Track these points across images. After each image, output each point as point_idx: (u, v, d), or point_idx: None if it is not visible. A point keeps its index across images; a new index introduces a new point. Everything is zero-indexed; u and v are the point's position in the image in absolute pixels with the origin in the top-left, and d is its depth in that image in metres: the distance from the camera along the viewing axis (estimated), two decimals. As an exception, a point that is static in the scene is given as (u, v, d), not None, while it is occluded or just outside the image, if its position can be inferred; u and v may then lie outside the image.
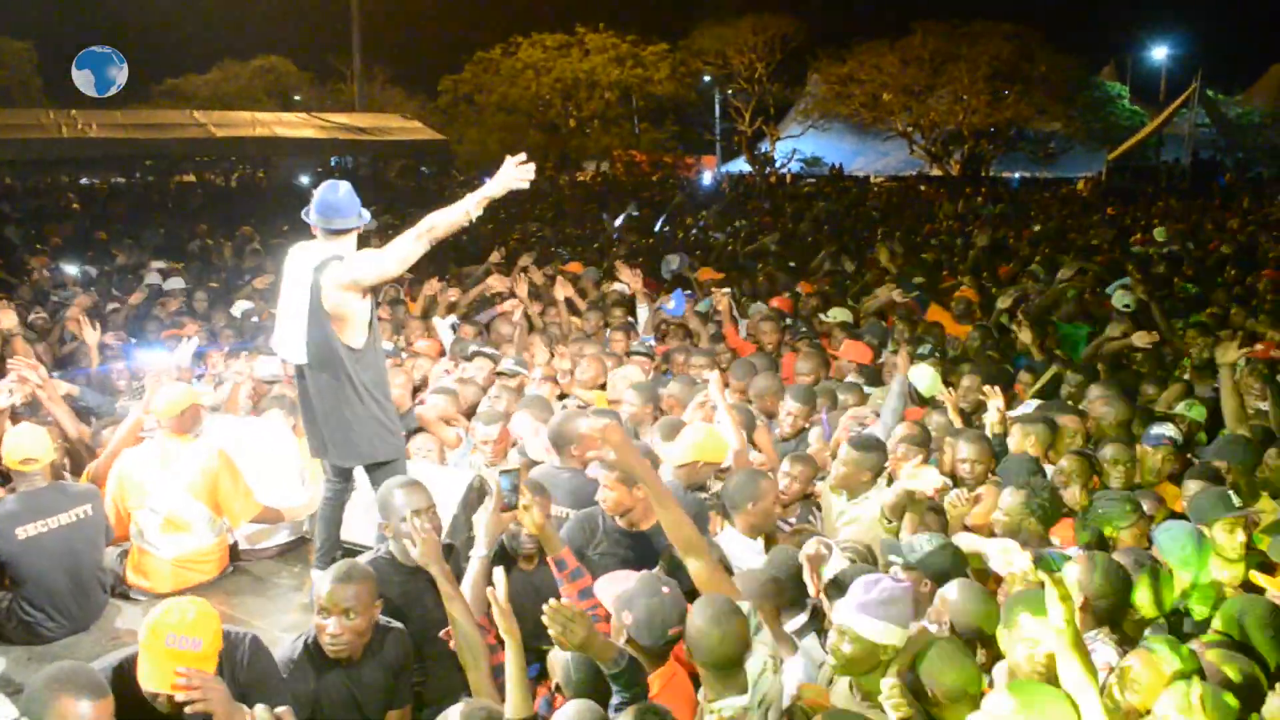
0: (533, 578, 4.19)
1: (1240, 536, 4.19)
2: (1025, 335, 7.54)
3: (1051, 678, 2.97)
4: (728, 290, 8.55)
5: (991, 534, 4.39)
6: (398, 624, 3.80)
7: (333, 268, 4.59)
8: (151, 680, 3.08)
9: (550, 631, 3.06)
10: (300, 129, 23.06)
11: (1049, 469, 5.02)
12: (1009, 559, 3.73)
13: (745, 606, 3.28)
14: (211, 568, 5.49)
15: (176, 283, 11.14)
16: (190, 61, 39.82)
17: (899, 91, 36.43)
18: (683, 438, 4.91)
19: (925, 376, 6.44)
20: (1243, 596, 3.76)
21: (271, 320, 9.14)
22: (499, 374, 6.94)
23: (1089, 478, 4.90)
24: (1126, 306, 8.71)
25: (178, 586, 5.24)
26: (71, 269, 11.19)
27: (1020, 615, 3.23)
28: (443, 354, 7.81)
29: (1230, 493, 4.43)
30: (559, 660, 3.41)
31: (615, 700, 3.09)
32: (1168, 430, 5.31)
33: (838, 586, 3.52)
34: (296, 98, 40.06)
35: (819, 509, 5.12)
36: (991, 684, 3.31)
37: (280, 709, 2.76)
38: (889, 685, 2.95)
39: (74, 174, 29.99)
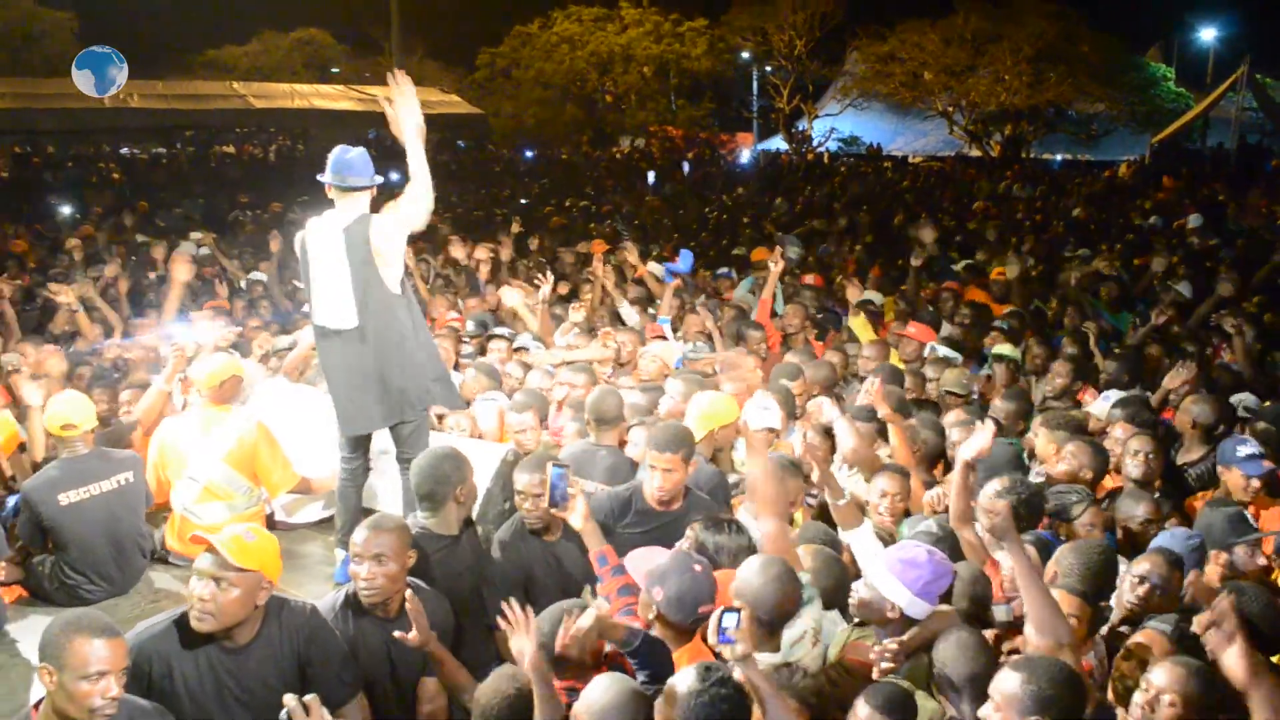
0: (554, 548, 4.23)
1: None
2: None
3: None
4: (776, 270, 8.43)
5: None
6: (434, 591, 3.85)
7: (373, 219, 4.72)
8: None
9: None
10: (338, 101, 23.14)
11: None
12: None
13: (806, 578, 3.34)
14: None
15: (191, 248, 11.21)
16: (230, 33, 39.96)
17: (940, 71, 35.95)
18: (691, 412, 4.92)
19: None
20: None
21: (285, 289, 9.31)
22: (516, 350, 6.99)
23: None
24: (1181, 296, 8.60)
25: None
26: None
27: None
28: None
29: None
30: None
31: (640, 678, 3.10)
32: (1254, 449, 4.76)
33: None
34: (334, 70, 40.14)
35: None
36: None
37: (308, 697, 2.80)
38: (889, 642, 3.05)
39: (114, 144, 30.29)
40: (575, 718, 2.81)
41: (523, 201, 18.51)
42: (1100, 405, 5.77)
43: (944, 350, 6.88)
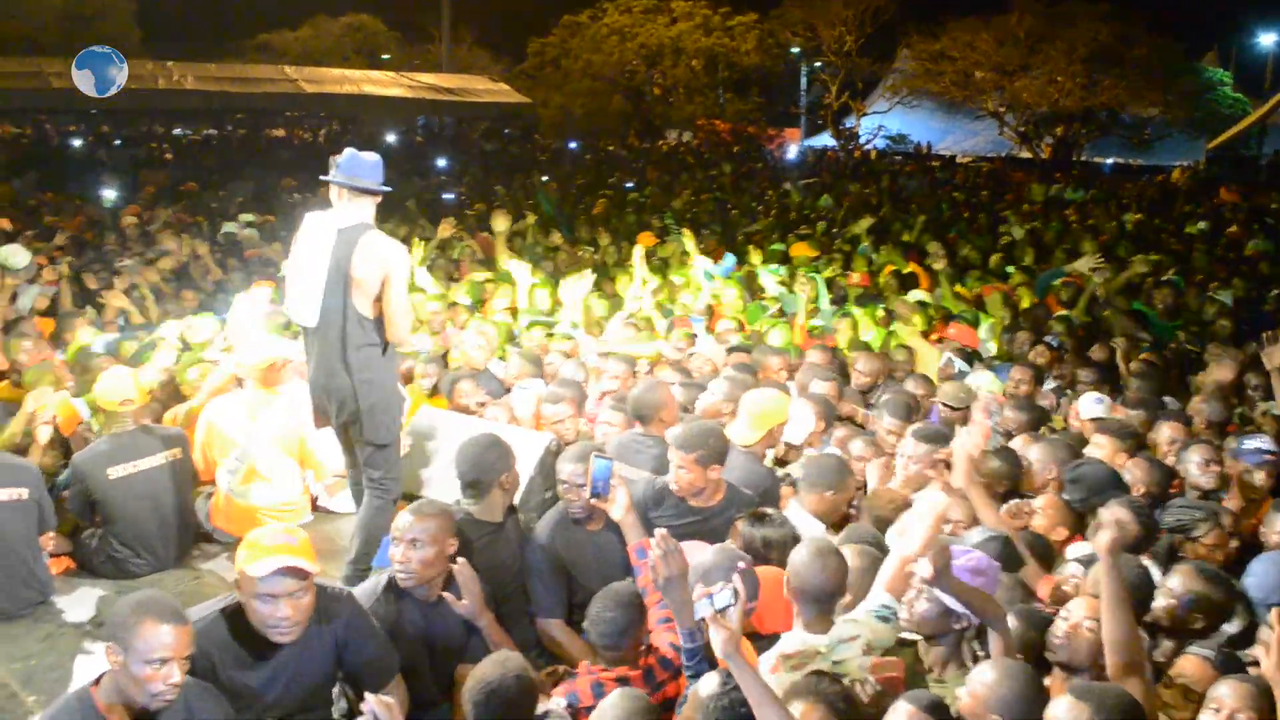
0: (596, 538, 4.24)
1: None
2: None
3: None
4: (815, 275, 8.37)
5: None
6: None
7: (367, 241, 4.53)
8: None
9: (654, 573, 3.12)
10: (388, 87, 23.33)
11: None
12: None
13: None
14: (293, 518, 5.59)
15: (245, 230, 11.35)
16: (283, 17, 40.36)
17: (991, 70, 35.57)
18: (744, 414, 4.90)
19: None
20: None
21: None
22: (550, 335, 7.01)
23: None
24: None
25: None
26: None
27: None
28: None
29: None
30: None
31: (688, 674, 3.11)
32: (1265, 443, 4.84)
33: None
34: (384, 56, 40.41)
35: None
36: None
37: (388, 698, 2.85)
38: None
39: (168, 125, 30.67)
40: None
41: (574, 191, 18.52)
42: (1092, 407, 5.66)
43: (961, 364, 6.75)
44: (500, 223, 9.74)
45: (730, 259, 8.91)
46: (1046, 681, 3.06)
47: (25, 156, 21.69)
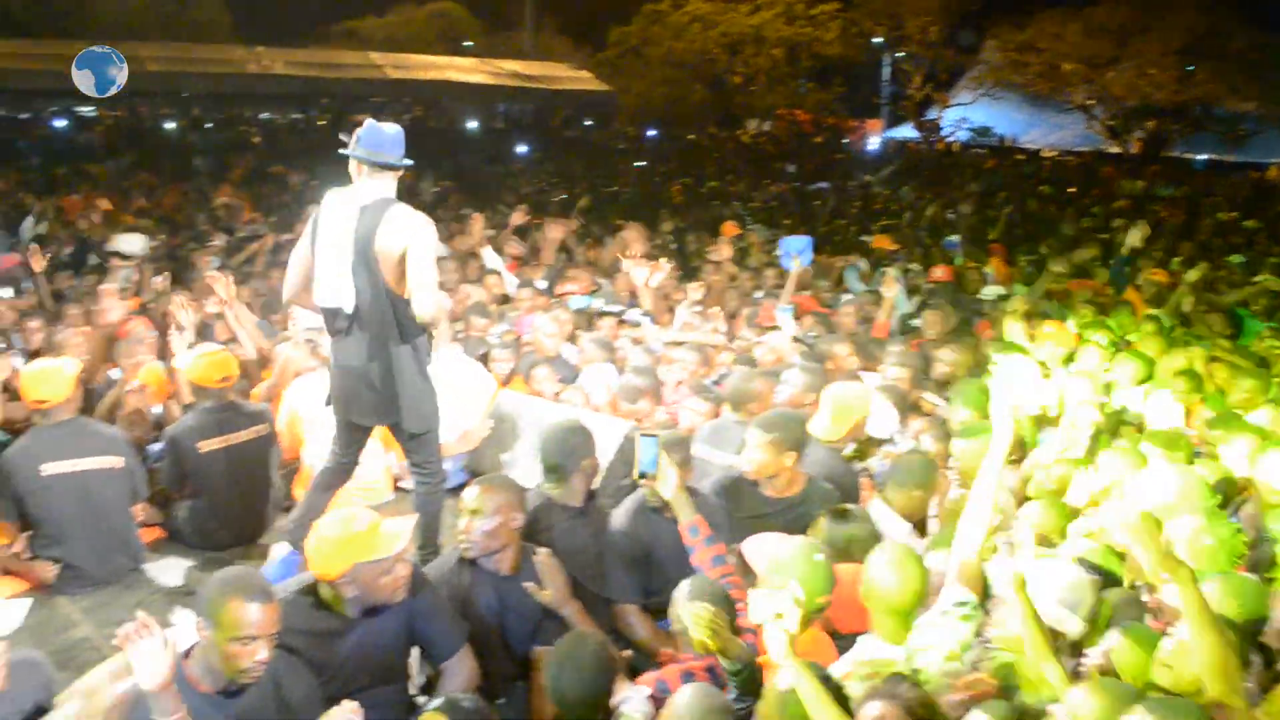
0: (676, 526, 4.19)
1: None
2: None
3: None
4: (900, 276, 8.24)
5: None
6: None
7: (392, 215, 4.30)
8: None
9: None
10: (471, 74, 23.52)
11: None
12: None
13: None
14: (374, 495, 5.69)
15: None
16: (369, 3, 40.86)
17: (1080, 62, 34.72)
18: (826, 407, 4.87)
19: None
20: None
21: None
22: (621, 323, 7.03)
23: None
24: None
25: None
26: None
27: None
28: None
29: None
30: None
31: (731, 695, 3.10)
32: None
33: None
34: (466, 43, 40.73)
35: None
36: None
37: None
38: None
39: (256, 109, 31.24)
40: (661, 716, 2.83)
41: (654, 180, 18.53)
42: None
43: None
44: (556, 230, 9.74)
45: (805, 240, 8.77)
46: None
47: (121, 139, 22.32)
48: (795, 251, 8.29)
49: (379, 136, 4.40)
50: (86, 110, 25.48)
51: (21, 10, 27.39)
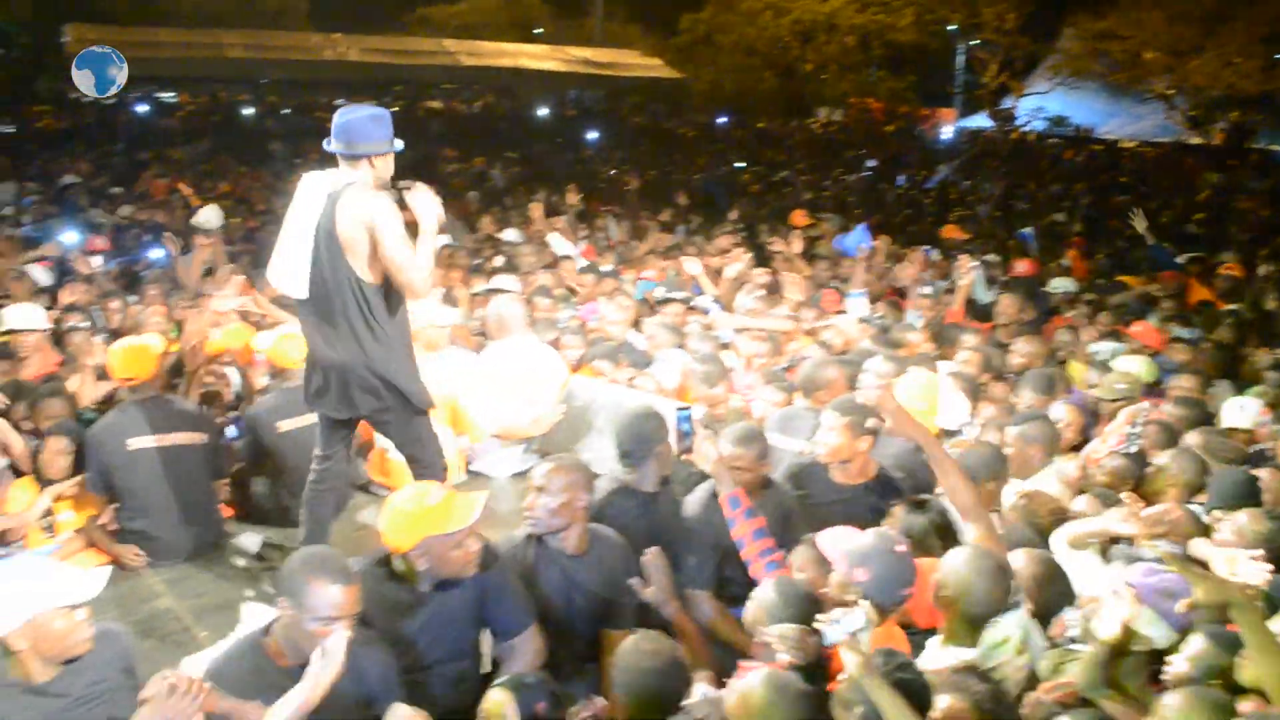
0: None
1: None
2: None
3: None
4: (977, 264, 8.13)
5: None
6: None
7: (357, 201, 4.08)
8: None
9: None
10: (543, 61, 23.63)
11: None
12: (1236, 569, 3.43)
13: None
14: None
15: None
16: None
17: (1162, 50, 33.82)
18: (916, 396, 4.81)
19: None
20: None
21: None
22: (690, 309, 7.03)
23: None
24: None
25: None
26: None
27: None
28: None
29: None
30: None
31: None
32: None
33: None
34: (537, 30, 40.86)
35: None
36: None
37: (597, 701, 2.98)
38: None
39: (330, 95, 31.69)
40: (730, 708, 2.83)
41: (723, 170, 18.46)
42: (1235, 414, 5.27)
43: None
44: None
45: (862, 231, 8.71)
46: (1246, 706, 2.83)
47: (200, 124, 22.80)
48: (854, 244, 8.28)
49: (344, 123, 4.18)
50: (168, 96, 26.07)
51: (105, -2, 28.05)
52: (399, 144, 4.31)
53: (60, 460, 4.98)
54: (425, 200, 4.24)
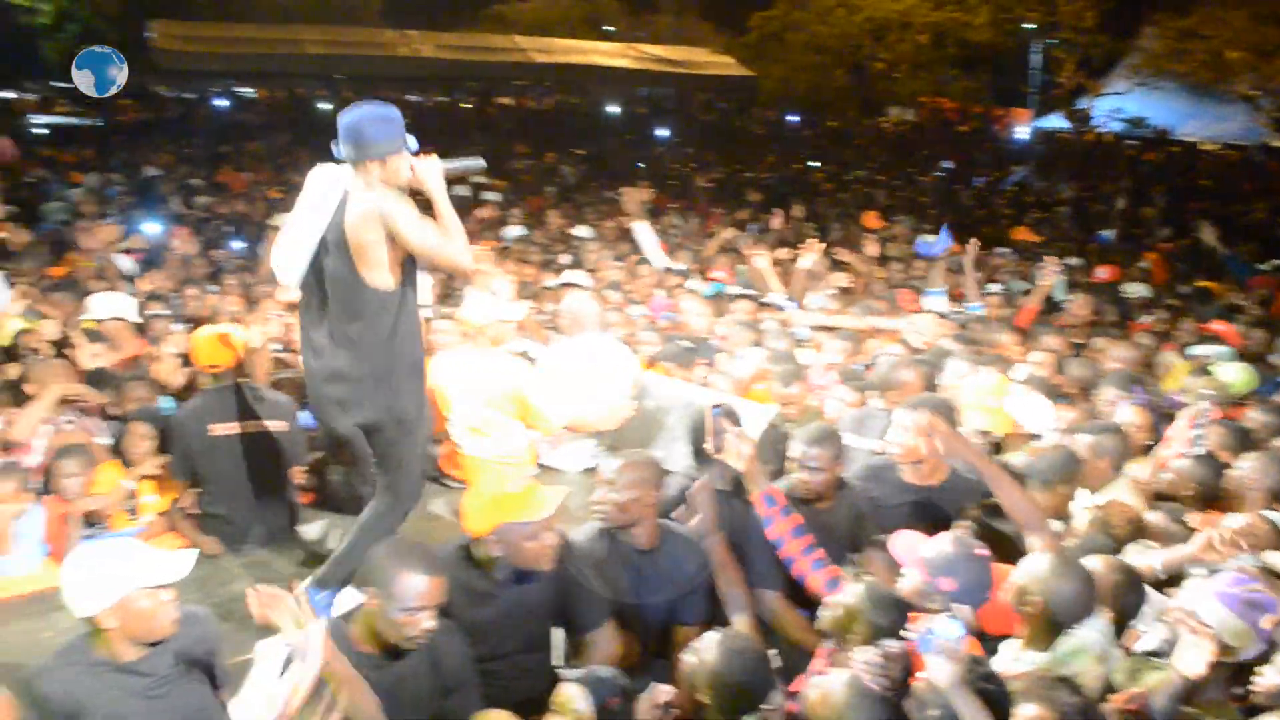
0: (823, 516, 4.16)
1: None
2: None
3: None
4: (1061, 267, 8.01)
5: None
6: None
7: (368, 205, 3.85)
8: None
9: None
10: (614, 58, 23.71)
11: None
12: None
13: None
14: (514, 471, 5.81)
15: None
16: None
17: (1246, 50, 32.94)
18: (981, 398, 4.78)
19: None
20: None
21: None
22: (762, 305, 7.01)
23: None
24: None
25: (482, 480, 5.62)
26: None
27: None
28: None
29: None
30: None
31: None
32: None
33: None
34: (607, 28, 40.96)
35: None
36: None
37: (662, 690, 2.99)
38: None
39: (402, 91, 32.08)
40: (810, 705, 2.81)
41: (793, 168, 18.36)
42: None
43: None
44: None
45: (944, 234, 8.61)
46: None
47: (278, 119, 23.21)
48: (939, 247, 8.19)
49: (352, 124, 3.92)
50: (247, 91, 26.59)
51: (189, -6, 28.69)
52: (413, 142, 4.03)
53: (143, 445, 5.12)
54: (427, 168, 3.97)
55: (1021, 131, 34.26)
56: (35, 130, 18.35)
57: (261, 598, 2.99)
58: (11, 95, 24.41)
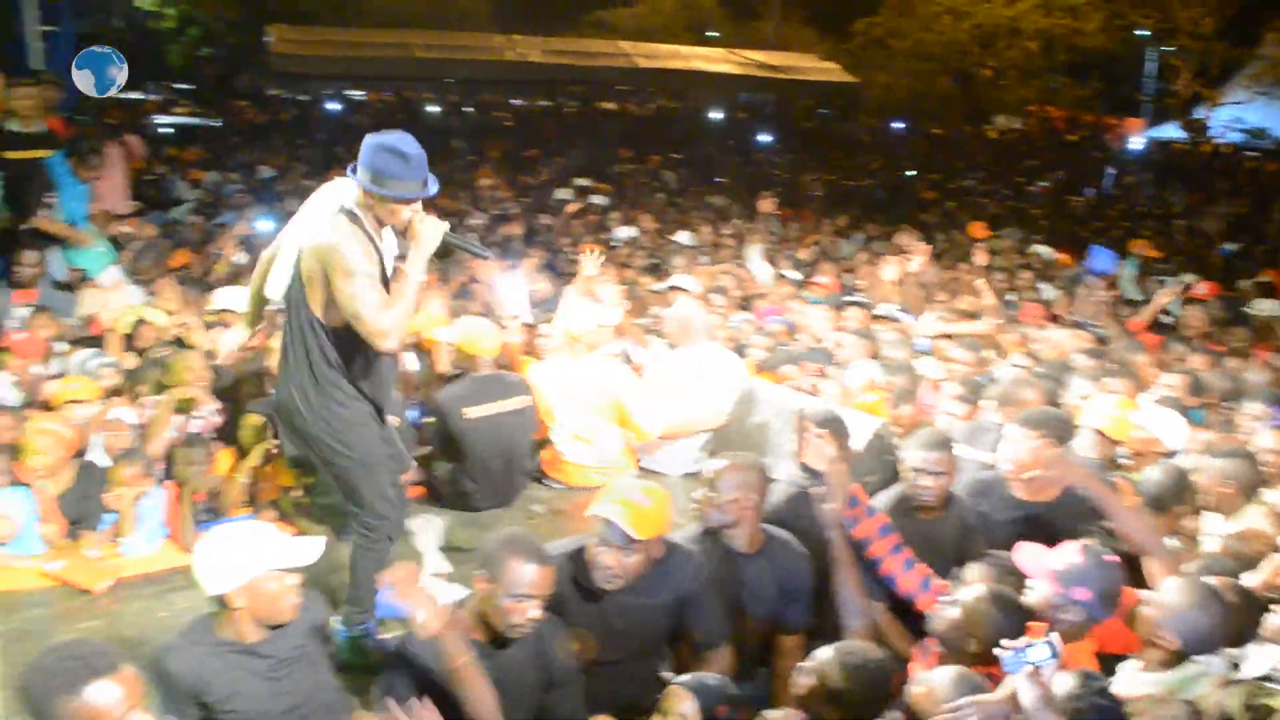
0: (932, 526, 4.12)
1: None
2: None
3: None
4: (1189, 281, 7.82)
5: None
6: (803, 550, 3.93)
7: (315, 234, 3.75)
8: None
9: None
10: (717, 64, 23.72)
11: None
12: None
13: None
14: (617, 474, 5.84)
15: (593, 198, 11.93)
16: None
17: (1377, 56, 31.58)
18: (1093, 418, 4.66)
19: None
20: None
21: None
22: (876, 318, 6.93)
23: None
24: None
25: (584, 485, 5.70)
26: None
27: None
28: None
29: None
30: None
31: None
32: None
33: None
34: (709, 33, 40.97)
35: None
36: None
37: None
38: None
39: (507, 95, 32.50)
40: (915, 698, 2.78)
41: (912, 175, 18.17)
42: None
43: None
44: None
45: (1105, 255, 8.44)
46: None
47: (387, 121, 23.71)
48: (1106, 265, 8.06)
49: (371, 147, 3.76)
50: (358, 94, 27.24)
51: (305, 0, 29.48)
52: (433, 187, 3.85)
53: (257, 434, 5.27)
54: (429, 227, 3.78)
55: (1135, 141, 33.27)
56: (160, 129, 19.02)
57: (396, 576, 3.04)
58: (139, 96, 25.36)
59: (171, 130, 19.54)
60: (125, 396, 5.48)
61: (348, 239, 3.70)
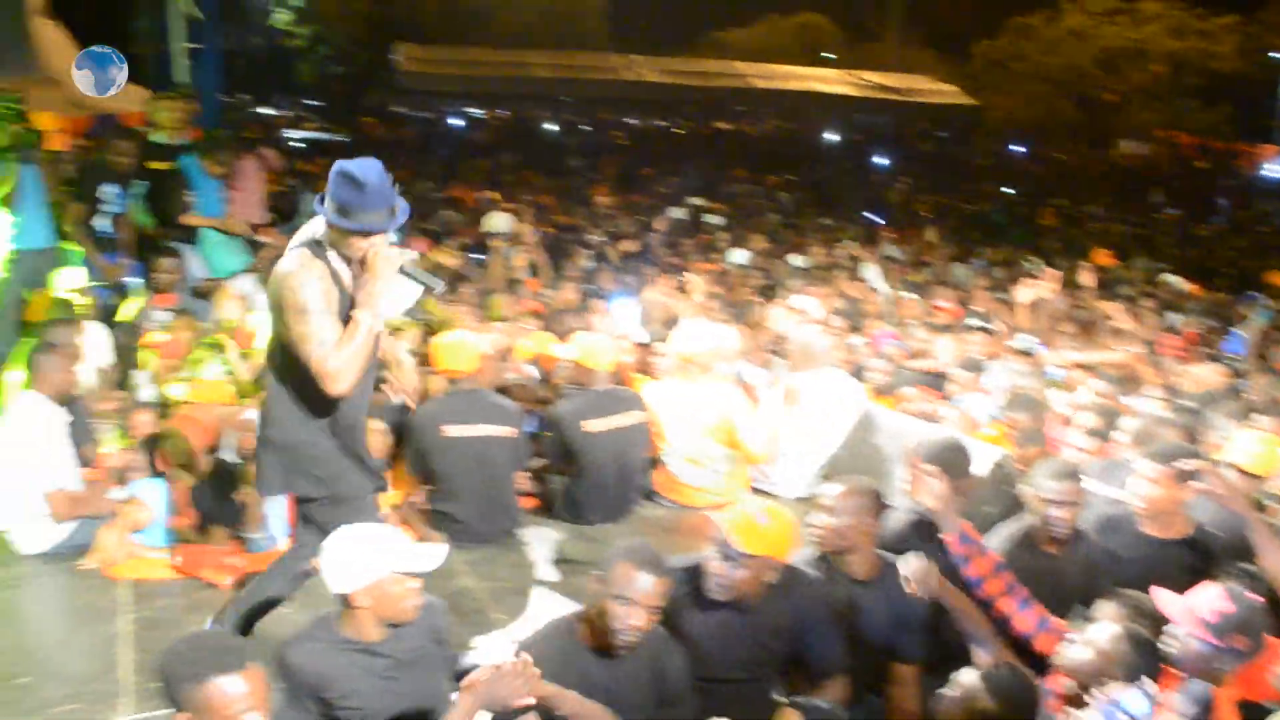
0: (1055, 561, 4.00)
1: None
2: None
3: None
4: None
5: None
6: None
7: (290, 268, 3.54)
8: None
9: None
10: (834, 85, 23.60)
11: None
12: None
13: None
14: (724, 497, 5.80)
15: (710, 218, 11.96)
16: (738, 15, 41.83)
17: None
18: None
19: None
20: None
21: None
22: (1010, 349, 6.77)
23: None
24: None
25: (696, 505, 5.70)
26: None
27: None
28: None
29: None
30: None
31: None
32: None
33: None
34: (826, 55, 40.75)
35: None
36: None
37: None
38: None
39: (622, 114, 32.82)
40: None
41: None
42: None
43: None
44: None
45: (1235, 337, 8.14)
46: None
47: (506, 139, 24.18)
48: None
49: (336, 176, 3.54)
50: (477, 111, 27.83)
51: (430, 20, 30.28)
52: (401, 217, 3.66)
53: (378, 441, 5.40)
54: (385, 259, 3.55)
55: (1271, 169, 31.92)
56: (291, 144, 19.71)
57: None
58: (272, 112, 26.36)
59: (302, 145, 20.21)
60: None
61: (306, 273, 3.50)
